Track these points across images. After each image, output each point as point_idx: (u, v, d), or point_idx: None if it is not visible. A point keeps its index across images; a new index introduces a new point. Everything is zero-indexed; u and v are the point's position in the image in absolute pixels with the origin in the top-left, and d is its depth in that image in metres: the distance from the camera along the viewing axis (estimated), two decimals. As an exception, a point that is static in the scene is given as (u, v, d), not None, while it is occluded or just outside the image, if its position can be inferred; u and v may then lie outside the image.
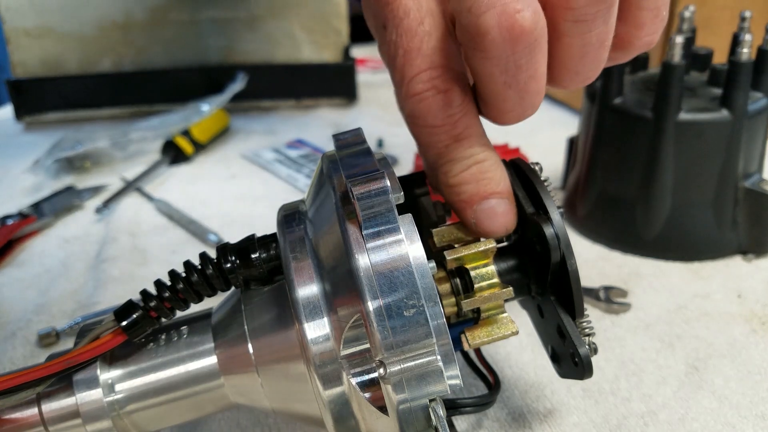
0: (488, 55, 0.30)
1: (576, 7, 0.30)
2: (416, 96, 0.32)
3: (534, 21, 0.29)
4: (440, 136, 0.33)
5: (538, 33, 0.29)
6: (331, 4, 0.96)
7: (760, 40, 0.56)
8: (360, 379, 0.29)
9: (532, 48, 0.29)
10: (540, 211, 0.34)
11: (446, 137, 0.33)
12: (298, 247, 0.32)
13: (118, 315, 0.33)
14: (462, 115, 0.32)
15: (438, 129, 0.33)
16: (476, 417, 0.43)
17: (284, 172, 0.80)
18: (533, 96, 0.32)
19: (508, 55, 0.29)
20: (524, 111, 0.33)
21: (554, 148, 0.75)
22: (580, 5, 0.30)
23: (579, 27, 0.30)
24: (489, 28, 0.29)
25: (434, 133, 0.33)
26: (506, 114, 0.33)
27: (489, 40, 0.29)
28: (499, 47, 0.29)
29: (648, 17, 0.32)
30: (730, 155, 0.56)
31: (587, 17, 0.30)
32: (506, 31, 0.28)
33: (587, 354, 0.33)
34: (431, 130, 0.33)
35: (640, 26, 0.33)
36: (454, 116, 0.32)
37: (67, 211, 0.73)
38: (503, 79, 0.31)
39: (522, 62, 0.30)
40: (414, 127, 0.33)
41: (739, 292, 0.55)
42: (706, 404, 0.43)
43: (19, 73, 0.94)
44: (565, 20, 0.30)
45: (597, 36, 0.31)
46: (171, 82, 0.97)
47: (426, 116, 0.32)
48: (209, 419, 0.44)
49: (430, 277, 0.28)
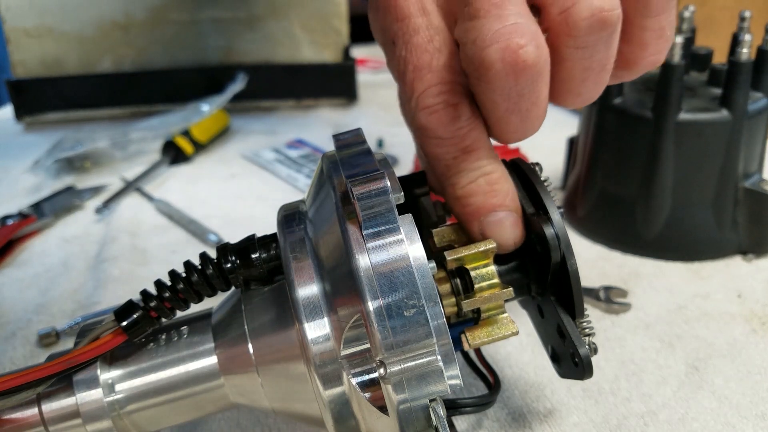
0: (491, 87, 0.31)
1: (577, 35, 0.30)
2: (427, 109, 0.33)
3: (537, 55, 0.29)
4: (449, 148, 0.33)
5: (540, 66, 0.30)
6: (331, 4, 0.96)
7: (759, 40, 0.56)
8: (360, 379, 0.29)
9: (534, 79, 0.30)
10: (540, 211, 0.34)
11: (455, 149, 0.33)
12: (298, 247, 0.32)
13: (118, 315, 0.33)
14: (470, 128, 0.33)
15: (447, 141, 0.33)
16: (476, 417, 0.43)
17: (284, 172, 0.80)
18: (534, 120, 0.33)
19: (511, 86, 0.30)
20: (526, 132, 0.33)
21: (554, 148, 0.75)
22: (581, 33, 0.30)
23: (580, 53, 0.31)
24: (493, 62, 0.29)
25: (443, 144, 0.33)
26: (509, 135, 0.34)
27: (492, 73, 0.30)
28: (502, 80, 0.30)
29: (652, 38, 0.33)
30: (730, 155, 0.56)
31: (588, 44, 0.31)
32: (509, 66, 0.29)
33: (587, 354, 0.33)
34: (440, 142, 0.33)
35: (644, 47, 0.33)
36: (463, 129, 0.33)
37: (67, 211, 0.73)
38: (506, 106, 0.31)
39: (524, 92, 0.30)
40: (423, 139, 0.34)
41: (739, 292, 0.55)
42: (706, 404, 0.43)
43: (19, 73, 0.94)
44: (566, 46, 0.31)
45: (598, 61, 0.32)
46: (171, 82, 0.97)
47: (436, 129, 0.33)
48: (209, 419, 0.44)
49: (431, 277, 0.28)
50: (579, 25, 0.30)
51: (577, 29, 0.30)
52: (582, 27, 0.30)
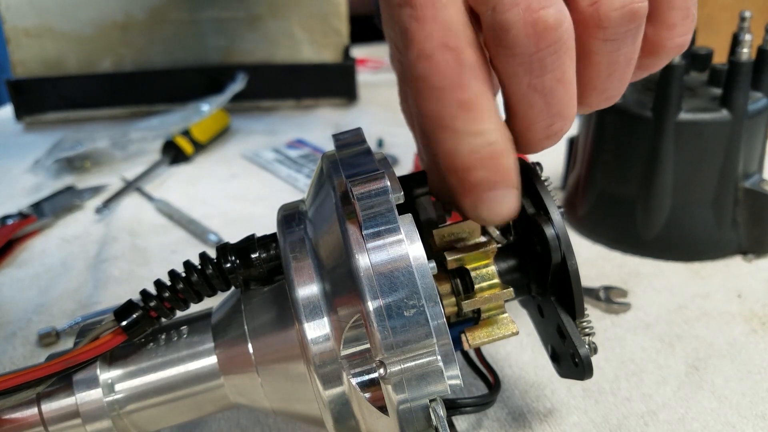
0: (512, 52, 0.29)
1: (608, 27, 0.29)
2: (425, 56, 0.30)
3: (558, 19, 0.28)
4: (447, 99, 0.30)
5: (563, 32, 0.29)
6: (331, 4, 0.96)
7: (760, 40, 0.56)
8: (360, 379, 0.29)
9: (557, 47, 0.29)
10: (540, 211, 0.34)
11: (453, 102, 0.30)
12: (298, 247, 0.32)
13: (118, 315, 0.33)
14: (473, 77, 0.30)
15: (444, 92, 0.29)
16: (476, 417, 0.43)
17: (284, 172, 0.80)
18: (561, 103, 0.30)
19: (532, 52, 0.29)
20: (552, 122, 0.31)
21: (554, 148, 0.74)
22: (612, 24, 0.29)
23: (608, 46, 0.30)
24: (512, 24, 0.28)
25: (441, 96, 0.30)
26: (533, 125, 0.31)
27: (512, 35, 0.28)
28: (523, 43, 0.28)
29: (679, 17, 0.32)
30: (730, 155, 0.56)
31: (618, 36, 0.30)
32: (530, 26, 0.28)
33: (587, 354, 0.33)
34: (438, 93, 0.30)
35: (672, 27, 0.32)
36: (464, 76, 0.29)
37: (67, 211, 0.73)
38: (527, 79, 0.30)
39: (547, 62, 0.29)
40: (419, 94, 0.30)
41: (739, 292, 0.55)
42: (706, 404, 0.43)
43: (19, 73, 0.94)
44: (595, 38, 0.30)
45: (624, 55, 0.31)
46: (171, 82, 0.97)
47: (433, 75, 0.29)
48: (209, 419, 0.44)
49: (431, 277, 0.28)
50: (610, 17, 0.29)
51: (607, 21, 0.29)
52: (613, 18, 0.29)
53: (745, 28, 0.57)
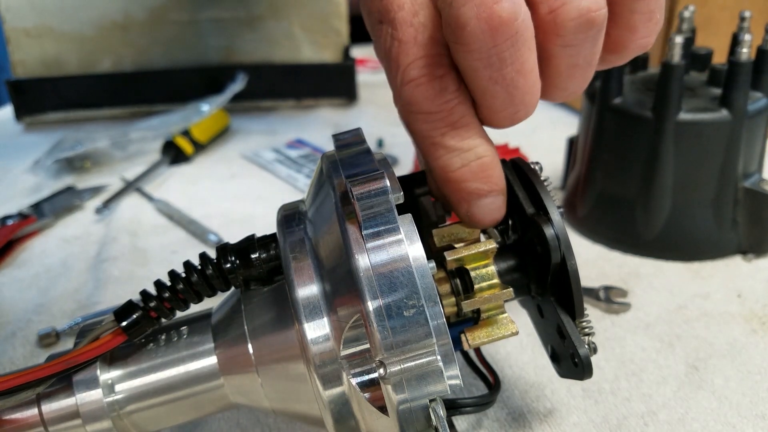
0: (469, 48, 0.30)
1: (565, 34, 0.30)
2: (411, 82, 0.32)
3: (513, 12, 0.29)
4: (436, 123, 0.32)
5: (519, 25, 0.29)
6: (331, 4, 0.96)
7: (759, 40, 0.56)
8: (360, 380, 0.29)
9: (514, 40, 0.29)
10: (540, 211, 0.34)
11: (442, 124, 0.32)
12: (298, 248, 0.32)
13: (118, 315, 0.33)
14: (458, 102, 0.32)
15: (434, 116, 0.32)
16: (476, 417, 0.43)
17: (284, 172, 0.80)
18: (523, 93, 0.31)
19: (489, 47, 0.29)
20: (516, 110, 0.32)
21: (554, 148, 0.75)
22: (569, 32, 0.30)
23: (567, 51, 0.31)
24: (468, 20, 0.29)
25: (430, 120, 0.32)
26: (498, 114, 0.32)
27: (468, 32, 0.29)
28: (479, 39, 0.29)
29: (641, 21, 0.32)
30: (730, 155, 0.56)
31: (575, 42, 0.31)
32: (484, 22, 0.28)
33: (587, 354, 0.33)
34: (426, 117, 0.32)
35: (633, 30, 0.33)
36: (451, 102, 0.32)
37: (67, 211, 0.73)
38: (488, 73, 0.30)
39: (505, 55, 0.30)
40: (409, 116, 0.33)
41: (739, 292, 0.55)
42: (706, 404, 0.43)
43: (19, 73, 0.94)
44: (554, 45, 0.31)
45: (584, 58, 0.32)
46: (171, 82, 0.97)
47: (421, 102, 0.32)
48: (209, 419, 0.44)
49: (430, 277, 0.28)
50: (567, 26, 0.30)
51: (564, 29, 0.30)
52: (570, 27, 0.30)
53: (745, 28, 0.57)
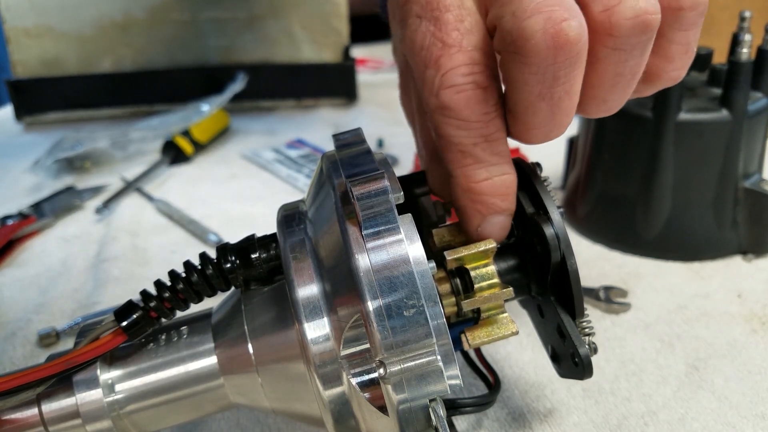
0: (528, 61, 0.29)
1: (618, 36, 0.29)
2: (453, 88, 0.31)
3: (579, 33, 0.28)
4: (471, 132, 0.32)
5: (581, 46, 0.29)
6: (331, 4, 0.96)
7: (759, 40, 0.56)
8: (360, 379, 0.29)
9: (573, 61, 0.29)
10: (540, 211, 0.34)
11: (477, 134, 0.32)
12: (298, 247, 0.32)
13: (118, 315, 0.33)
14: (496, 115, 0.32)
15: (471, 124, 0.32)
16: (476, 417, 0.43)
17: (284, 172, 0.80)
18: (564, 114, 0.31)
19: (549, 63, 0.29)
20: (552, 129, 0.32)
21: (554, 148, 0.75)
22: (622, 34, 0.29)
23: (617, 55, 0.30)
24: (533, 33, 0.28)
25: (465, 127, 0.32)
26: (534, 130, 0.32)
27: (532, 44, 0.28)
28: (542, 53, 0.28)
29: (678, 51, 0.32)
30: (730, 155, 0.56)
31: (627, 47, 0.30)
32: (551, 37, 0.28)
33: (587, 354, 0.33)
34: (463, 124, 0.32)
35: (670, 60, 0.32)
36: (490, 114, 0.32)
37: (67, 211, 0.73)
38: (539, 89, 0.30)
39: (561, 74, 0.29)
40: (443, 119, 0.32)
41: (739, 292, 0.55)
42: (706, 404, 0.43)
43: (19, 73, 0.94)
44: (604, 46, 0.30)
45: (631, 68, 0.31)
46: (171, 82, 0.97)
47: (462, 109, 0.31)
48: (209, 419, 0.44)
49: (430, 277, 0.28)
50: (621, 25, 0.29)
51: (618, 29, 0.29)
52: (624, 27, 0.29)
53: (745, 28, 0.57)
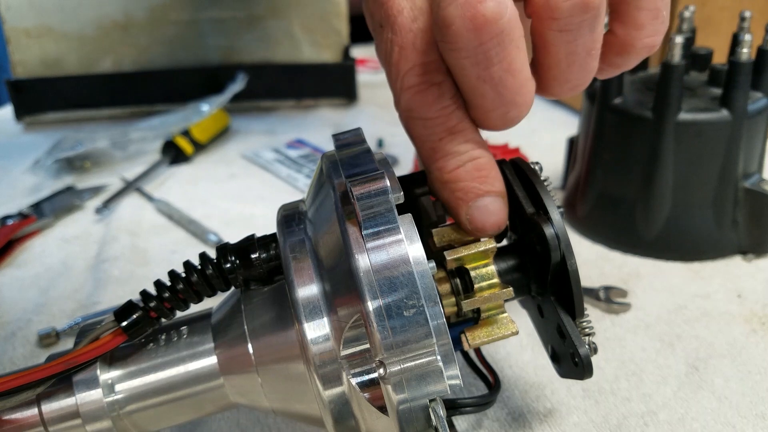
0: (455, 47, 0.30)
1: (560, 18, 0.30)
2: (411, 89, 0.33)
3: (497, 11, 0.29)
4: (434, 128, 0.33)
5: (504, 24, 0.29)
6: (331, 4, 0.96)
7: (759, 40, 0.56)
8: (360, 379, 0.29)
9: (500, 39, 0.29)
10: (540, 211, 0.34)
11: (440, 129, 0.33)
12: (298, 248, 0.32)
13: (118, 315, 0.33)
14: (455, 108, 0.33)
15: (432, 121, 0.33)
16: (476, 417, 0.43)
17: (284, 172, 0.80)
18: (513, 93, 0.31)
19: (474, 45, 0.29)
20: (507, 110, 0.32)
21: (554, 148, 0.75)
22: (564, 15, 0.30)
23: (564, 36, 0.31)
24: (453, 19, 0.29)
25: (428, 125, 0.33)
26: (490, 114, 0.33)
27: (453, 31, 0.29)
28: (464, 38, 0.29)
29: (647, 18, 0.32)
30: (730, 155, 0.56)
31: (571, 26, 0.30)
32: (468, 21, 0.29)
33: (587, 354, 0.33)
34: (425, 122, 0.33)
35: (640, 27, 0.33)
36: (448, 108, 0.33)
37: (67, 211, 0.73)
38: (476, 72, 0.31)
39: (491, 54, 0.30)
40: (409, 121, 0.34)
41: (739, 292, 0.55)
42: (706, 404, 0.43)
43: (19, 73, 0.94)
44: (549, 29, 0.31)
45: (583, 45, 0.31)
46: (171, 82, 0.97)
47: (420, 108, 0.33)
48: (209, 419, 0.44)
49: (430, 277, 0.28)
50: (561, 7, 0.30)
51: (559, 11, 0.30)
52: (564, 9, 0.30)
53: (745, 28, 0.57)
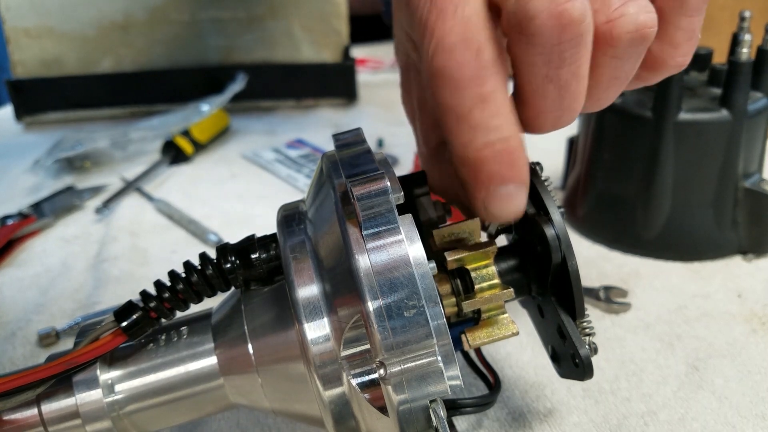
0: (534, 41, 0.29)
1: (618, 46, 0.30)
2: (446, 49, 0.30)
3: (583, 13, 0.28)
4: (465, 92, 0.30)
5: (585, 26, 0.29)
6: (331, 4, 0.96)
7: (759, 40, 0.56)
8: (360, 380, 0.29)
9: (578, 41, 0.29)
10: (541, 211, 0.34)
11: (472, 95, 0.30)
12: (298, 248, 0.32)
13: (118, 316, 0.33)
14: (493, 73, 0.30)
15: (464, 84, 0.30)
16: (476, 417, 0.43)
17: (284, 172, 0.80)
18: (572, 98, 0.31)
19: (553, 43, 0.29)
20: (561, 114, 0.32)
21: (554, 148, 0.75)
22: (622, 45, 0.30)
23: (614, 62, 0.31)
24: (538, 13, 0.28)
25: (460, 88, 0.30)
26: (543, 115, 0.32)
27: (536, 24, 0.29)
28: (546, 33, 0.29)
29: (684, 38, 0.33)
30: (730, 155, 0.56)
31: (624, 56, 0.31)
32: (555, 17, 0.28)
33: (588, 355, 0.33)
34: (457, 85, 0.30)
35: (677, 46, 0.33)
36: (485, 70, 0.30)
37: (67, 211, 0.73)
38: (545, 71, 0.30)
39: (566, 55, 0.29)
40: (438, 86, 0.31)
41: (739, 292, 0.55)
42: (706, 404, 0.43)
43: (19, 73, 0.94)
44: (604, 54, 0.31)
45: (626, 71, 0.32)
46: (171, 82, 0.97)
47: (454, 69, 0.30)
48: (209, 419, 0.44)
49: (431, 277, 0.28)
50: (621, 38, 0.30)
51: (619, 41, 0.30)
52: (624, 40, 0.30)
53: (745, 28, 0.57)
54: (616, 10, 0.30)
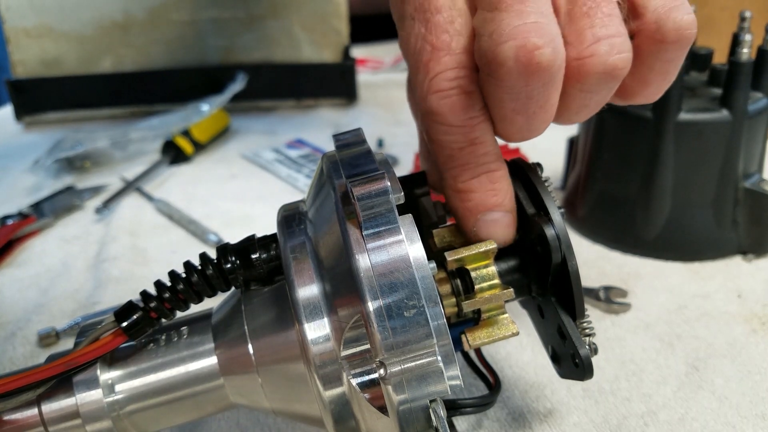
0: (501, 85, 0.30)
1: (585, 82, 0.31)
2: (440, 93, 0.32)
3: (552, 60, 0.29)
4: (456, 136, 0.33)
5: (554, 70, 0.29)
6: (331, 4, 0.96)
7: (760, 40, 0.56)
8: (360, 380, 0.29)
9: (546, 84, 0.30)
10: (541, 211, 0.34)
11: (462, 138, 0.33)
12: (299, 248, 0.32)
13: (118, 316, 0.33)
14: (481, 120, 0.32)
15: (456, 129, 0.32)
16: (476, 417, 0.43)
17: (284, 172, 0.80)
18: (540, 123, 0.32)
19: (521, 87, 0.30)
20: (529, 133, 0.33)
21: (554, 148, 0.75)
22: (592, 81, 0.31)
23: (583, 95, 0.31)
24: (506, 60, 0.29)
25: (451, 132, 0.33)
26: (512, 134, 0.33)
27: (504, 70, 0.29)
28: (513, 79, 0.29)
29: (656, 78, 0.33)
30: (730, 155, 0.56)
31: (593, 90, 0.31)
32: (523, 66, 0.29)
33: (588, 355, 0.33)
34: (449, 129, 0.32)
35: (647, 84, 0.33)
36: (474, 119, 0.32)
37: (67, 211, 0.73)
38: (513, 106, 0.31)
39: (533, 94, 0.30)
40: (431, 124, 0.33)
41: (739, 292, 0.55)
42: (706, 404, 0.43)
43: (19, 72, 0.94)
44: (572, 87, 0.31)
45: (596, 101, 0.32)
46: (171, 82, 0.97)
47: (447, 114, 0.32)
48: (209, 419, 0.44)
49: (431, 277, 0.28)
50: (591, 75, 0.30)
51: (587, 78, 0.30)
52: (593, 77, 0.30)
53: (745, 28, 0.57)
54: (587, 47, 0.30)
